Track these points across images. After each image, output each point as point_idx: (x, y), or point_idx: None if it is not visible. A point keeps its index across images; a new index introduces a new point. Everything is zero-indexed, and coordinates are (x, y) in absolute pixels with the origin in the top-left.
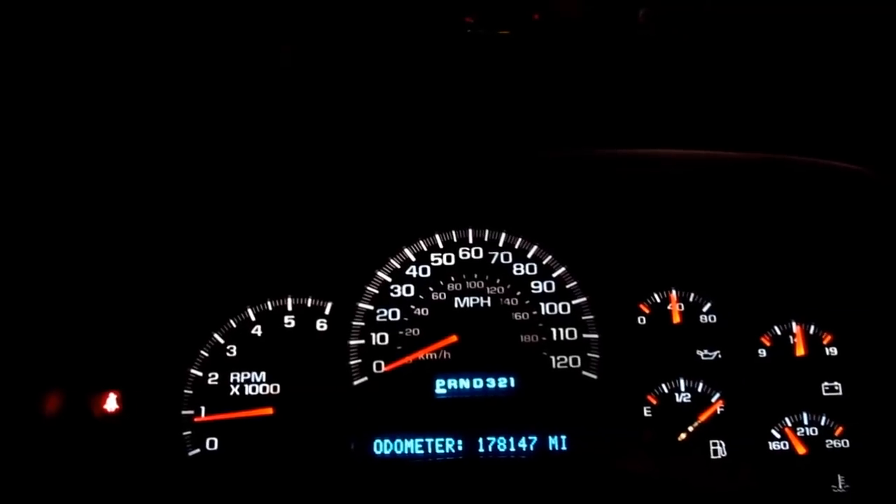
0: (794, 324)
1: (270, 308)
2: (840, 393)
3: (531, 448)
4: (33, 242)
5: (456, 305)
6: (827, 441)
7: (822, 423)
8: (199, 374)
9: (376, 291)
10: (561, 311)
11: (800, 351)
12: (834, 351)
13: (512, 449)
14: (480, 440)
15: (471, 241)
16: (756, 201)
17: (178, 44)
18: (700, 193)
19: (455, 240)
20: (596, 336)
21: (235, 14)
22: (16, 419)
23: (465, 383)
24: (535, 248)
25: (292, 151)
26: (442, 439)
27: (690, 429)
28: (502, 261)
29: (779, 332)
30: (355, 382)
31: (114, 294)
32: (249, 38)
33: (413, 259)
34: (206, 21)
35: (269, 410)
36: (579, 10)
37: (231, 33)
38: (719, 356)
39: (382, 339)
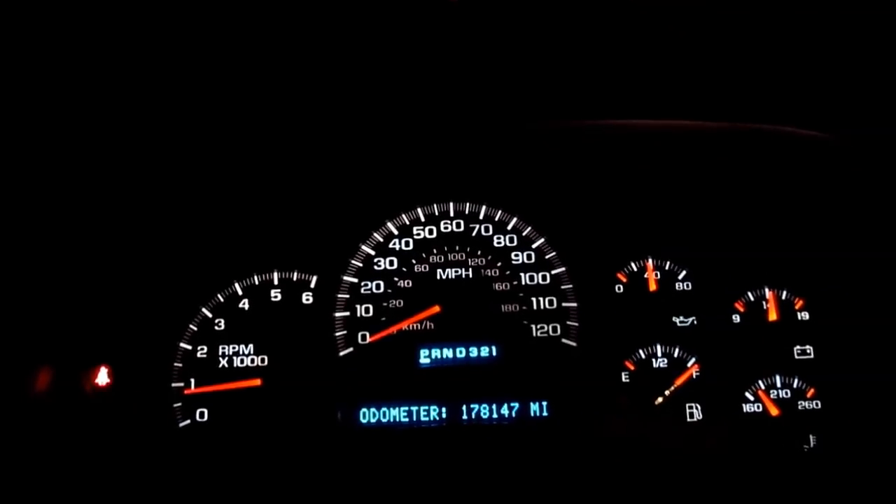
0: (766, 290)
1: (257, 282)
2: (812, 356)
3: (513, 414)
4: (23, 220)
5: (438, 277)
6: (799, 402)
7: (795, 385)
8: (189, 347)
9: (360, 265)
10: (541, 281)
11: (772, 316)
12: (806, 315)
13: (494, 416)
14: (463, 408)
15: (452, 214)
16: (727, 170)
17: (163, 17)
18: (673, 164)
19: (436, 213)
20: (575, 305)
21: None
22: (8, 395)
23: (447, 353)
24: (514, 220)
25: (276, 128)
26: (426, 407)
27: (667, 393)
28: (483, 233)
29: (752, 298)
30: (341, 353)
31: (103, 271)
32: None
33: (396, 232)
34: None
35: (258, 382)
36: None
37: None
38: (694, 322)
39: (367, 310)
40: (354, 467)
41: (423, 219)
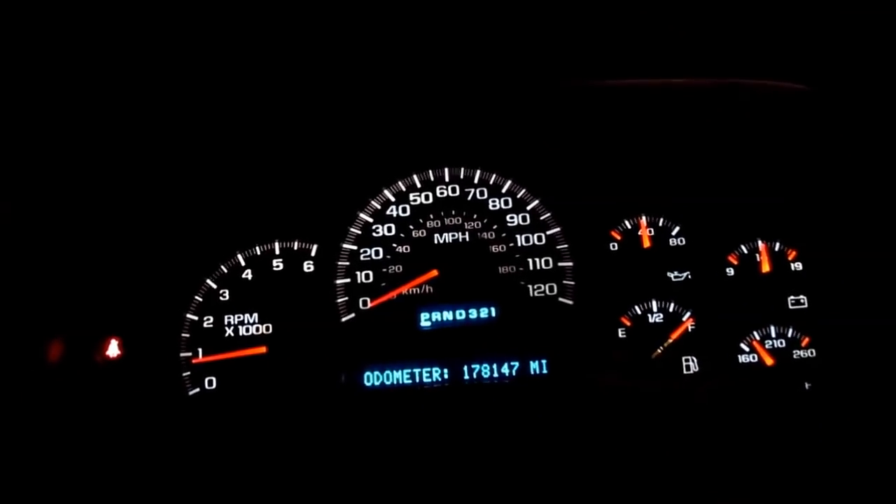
0: (759, 242)
1: (259, 252)
2: (805, 306)
3: (513, 373)
4: (32, 196)
5: (436, 241)
6: (794, 352)
7: (789, 335)
8: (195, 318)
9: (359, 232)
10: (536, 242)
11: (765, 268)
12: (798, 266)
13: (495, 375)
14: (465, 368)
15: (447, 179)
16: (716, 126)
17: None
18: (663, 121)
19: (432, 178)
20: (570, 264)
21: None
22: (21, 368)
23: (447, 315)
24: (509, 182)
25: (272, 101)
26: (428, 369)
27: (663, 347)
28: (478, 197)
29: (745, 251)
30: (343, 319)
31: (111, 247)
32: None
33: (393, 199)
34: None
35: (263, 349)
36: None
37: None
38: (689, 277)
39: (367, 276)
40: (359, 429)
41: (418, 185)
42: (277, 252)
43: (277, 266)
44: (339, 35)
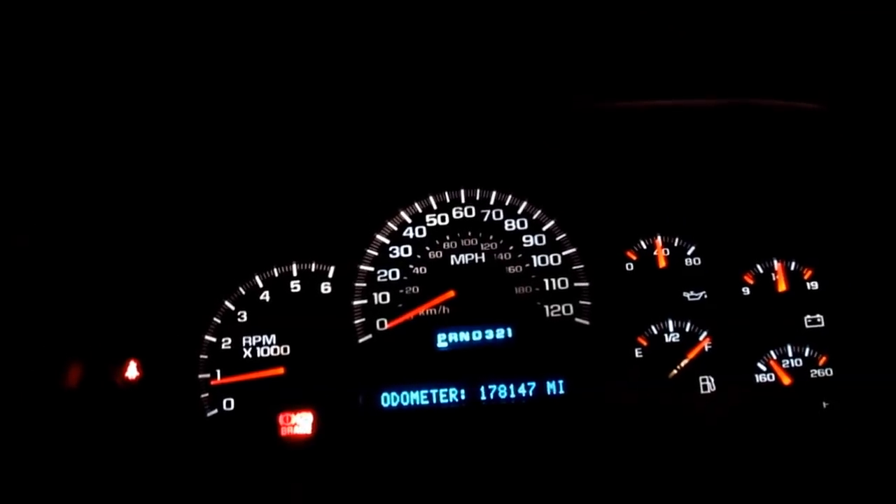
0: (775, 261)
1: (277, 274)
2: (822, 325)
3: (530, 393)
4: (52, 219)
5: (452, 263)
6: (811, 371)
7: (806, 354)
8: (213, 339)
9: (376, 253)
10: (552, 263)
11: (782, 287)
12: (815, 285)
13: (512, 395)
14: (482, 388)
15: (463, 200)
16: (732, 145)
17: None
18: (677, 141)
19: (448, 200)
20: (586, 284)
21: None
22: (41, 390)
23: (464, 336)
24: (525, 203)
25: (289, 124)
26: (445, 389)
27: (680, 367)
28: (494, 218)
29: (761, 270)
30: (360, 340)
31: (130, 269)
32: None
33: (409, 221)
34: None
35: (281, 370)
36: None
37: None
38: (705, 296)
39: (384, 298)
40: (377, 450)
41: (435, 206)
42: (295, 273)
43: (295, 287)
44: (357, 57)
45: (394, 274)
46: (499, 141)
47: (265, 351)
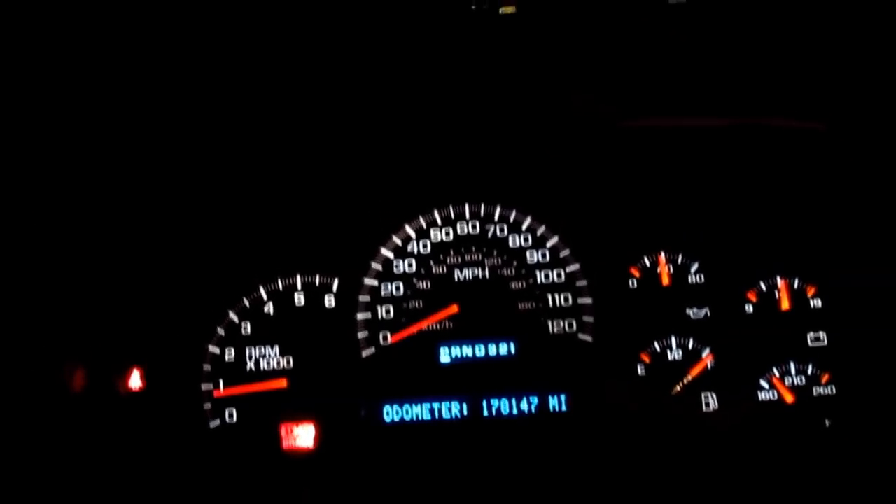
0: (778, 279)
1: (281, 286)
2: (825, 343)
3: (533, 409)
4: (56, 225)
5: (456, 278)
6: (814, 388)
7: (809, 371)
8: (217, 350)
9: (380, 267)
10: (556, 279)
11: (785, 304)
12: (818, 303)
13: (514, 410)
14: (484, 403)
15: (468, 215)
16: (736, 163)
17: (173, 22)
18: (681, 158)
19: (453, 215)
20: (590, 300)
21: None
22: (43, 398)
23: (467, 350)
24: (528, 219)
25: (295, 136)
26: (448, 404)
27: (683, 384)
28: (498, 233)
29: (764, 288)
30: (363, 354)
31: (134, 278)
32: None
33: (413, 235)
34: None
35: (283, 383)
36: None
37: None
38: (708, 314)
39: (388, 312)
40: (379, 464)
41: (439, 221)
42: (299, 286)
43: (299, 300)
44: (363, 70)
45: (397, 288)
46: (504, 156)
47: (268, 363)
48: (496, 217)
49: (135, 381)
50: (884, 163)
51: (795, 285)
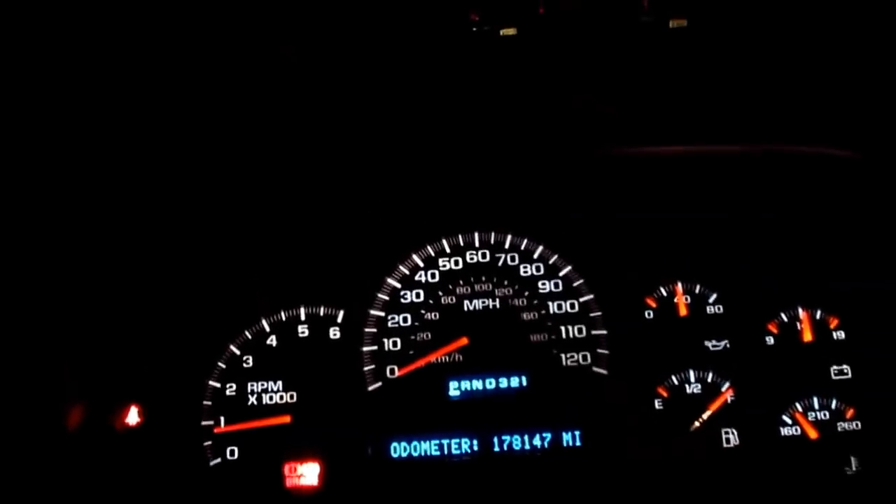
0: (800, 310)
1: (284, 318)
2: (849, 376)
3: (545, 445)
4: (55, 261)
5: (465, 308)
6: (838, 424)
7: (833, 406)
8: (218, 385)
9: (387, 298)
10: (569, 310)
11: (807, 336)
12: (841, 335)
13: (526, 446)
14: (495, 439)
15: (477, 244)
16: (756, 191)
17: (184, 52)
18: (700, 186)
19: (462, 244)
20: (604, 332)
21: (238, 17)
22: (39, 434)
23: (477, 384)
24: (540, 248)
25: (300, 164)
26: (457, 439)
27: (702, 419)
28: (509, 262)
29: (785, 319)
30: (370, 388)
31: (132, 311)
32: (254, 40)
33: (421, 264)
34: (208, 26)
35: (287, 419)
36: (580, 4)
37: (235, 36)
38: (727, 346)
39: (395, 344)
40: (386, 502)
41: (448, 250)
42: (303, 318)
43: (303, 332)
44: (368, 96)
45: (405, 319)
46: (514, 184)
47: (271, 398)
48: (507, 245)
49: (132, 417)
50: None
51: (818, 316)
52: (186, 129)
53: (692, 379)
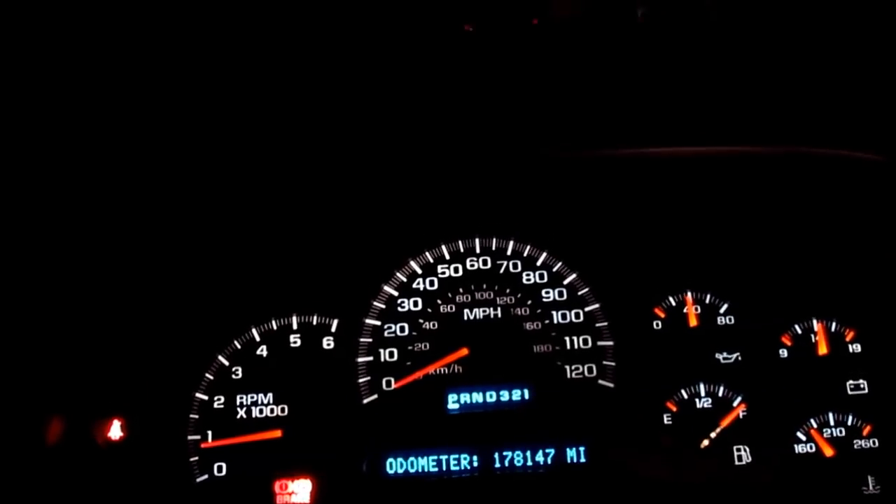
0: (815, 322)
1: (275, 327)
2: (866, 391)
3: (548, 461)
4: (35, 270)
5: (465, 317)
6: (855, 441)
7: (849, 422)
8: (205, 397)
9: (383, 306)
10: (574, 319)
11: (822, 349)
12: (857, 348)
13: (529, 463)
14: (496, 455)
15: (478, 250)
16: (770, 196)
17: (177, 62)
18: (712, 190)
19: (462, 250)
20: (611, 343)
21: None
22: (21, 449)
23: (478, 397)
24: (544, 255)
25: (293, 168)
26: (456, 456)
27: (713, 435)
28: (511, 270)
29: (800, 331)
30: (365, 401)
31: (115, 320)
32: (248, 47)
33: (420, 272)
34: (201, 33)
35: (278, 433)
36: (578, 10)
37: (230, 45)
38: (739, 358)
39: (391, 354)
40: None
41: (448, 256)
42: (295, 327)
43: (295, 342)
44: (363, 98)
45: (402, 329)
46: (516, 188)
47: (261, 411)
48: (509, 252)
49: (115, 431)
50: None
51: (833, 328)
52: (177, 136)
53: (703, 393)
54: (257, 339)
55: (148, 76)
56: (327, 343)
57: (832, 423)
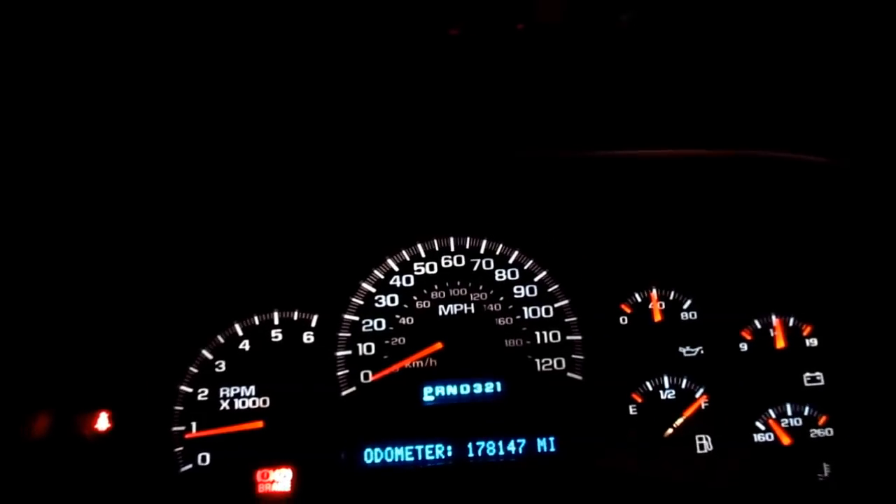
0: (773, 317)
1: (257, 322)
2: (822, 383)
3: (520, 451)
4: (20, 265)
5: (440, 313)
6: (811, 431)
7: (806, 413)
8: (189, 390)
9: (361, 302)
10: (544, 315)
11: (780, 343)
12: (814, 342)
13: (501, 453)
14: (470, 445)
15: (452, 249)
16: (730, 197)
17: (171, 65)
18: (676, 192)
19: (437, 248)
20: (579, 338)
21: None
22: (6, 441)
23: (451, 390)
24: (516, 253)
25: (274, 168)
26: (431, 446)
27: (676, 425)
28: (484, 267)
29: (759, 326)
30: (343, 393)
31: (101, 315)
32: (229, 46)
33: (396, 269)
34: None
35: (260, 424)
36: (561, 16)
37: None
38: (701, 352)
39: (369, 349)
40: None
41: (423, 255)
42: (276, 322)
43: (276, 337)
44: (344, 103)
45: (379, 324)
46: (489, 188)
47: (243, 403)
48: (482, 250)
49: (102, 423)
50: (889, 199)
51: (791, 323)
52: (159, 134)
53: (666, 385)
54: (240, 333)
55: (121, 75)
56: (307, 337)
57: (790, 413)
